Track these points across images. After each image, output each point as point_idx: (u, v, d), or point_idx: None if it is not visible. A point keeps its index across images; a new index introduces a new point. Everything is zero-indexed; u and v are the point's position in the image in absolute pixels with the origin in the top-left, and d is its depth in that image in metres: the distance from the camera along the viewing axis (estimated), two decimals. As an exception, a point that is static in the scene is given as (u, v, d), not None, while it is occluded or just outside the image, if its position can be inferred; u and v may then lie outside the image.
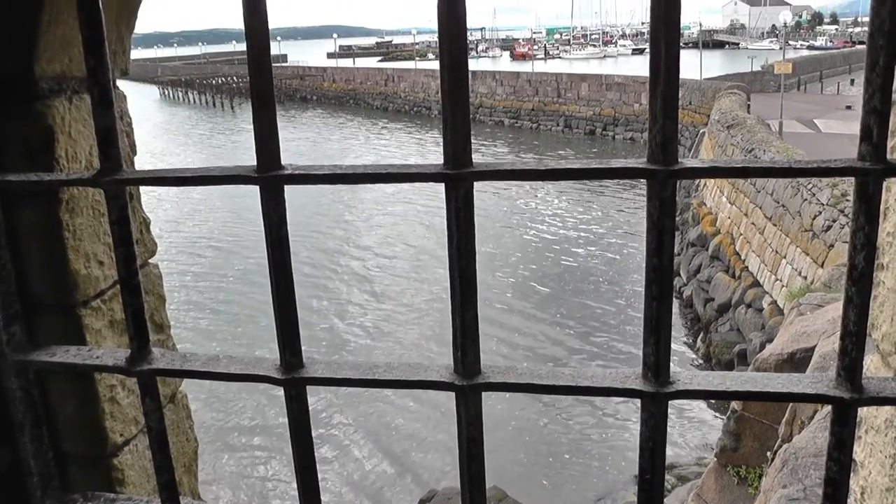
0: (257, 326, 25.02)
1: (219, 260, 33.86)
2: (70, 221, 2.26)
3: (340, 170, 1.44)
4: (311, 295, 27.99)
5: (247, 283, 29.71)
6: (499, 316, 26.01)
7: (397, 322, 26.23)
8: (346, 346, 24.42)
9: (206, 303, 29.02)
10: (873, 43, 1.19)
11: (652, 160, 1.28)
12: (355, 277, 31.46)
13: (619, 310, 27.05)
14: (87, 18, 1.51)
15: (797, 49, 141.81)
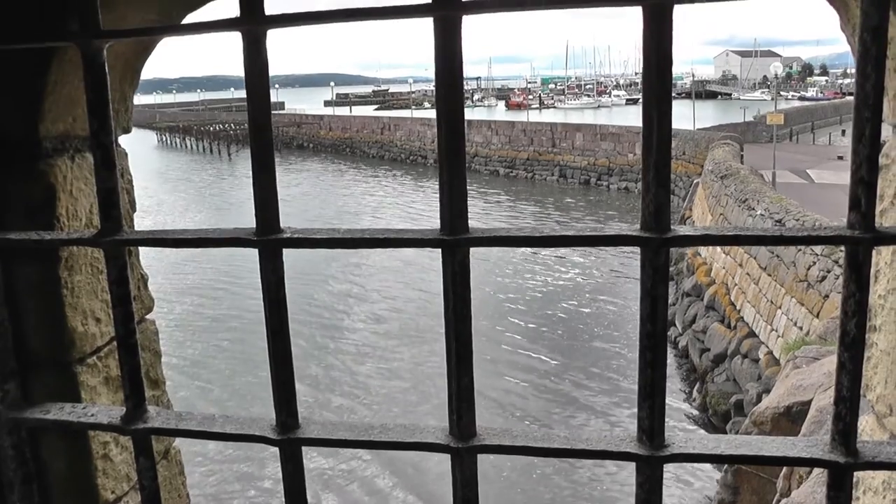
0: (253, 379, 24.85)
1: (217, 311, 33.72)
2: (69, 279, 2.27)
3: (338, 234, 1.46)
4: (303, 344, 27.88)
5: (245, 332, 29.55)
6: (492, 355, 25.92)
7: (393, 378, 26.10)
8: (338, 403, 24.27)
9: (202, 354, 28.86)
10: (859, 116, 1.22)
11: (645, 228, 1.30)
12: (349, 329, 31.38)
13: (616, 354, 26.97)
14: (92, 81, 1.54)
15: (788, 100, 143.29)
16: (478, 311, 15.20)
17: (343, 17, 1.42)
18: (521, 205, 56.45)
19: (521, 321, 31.45)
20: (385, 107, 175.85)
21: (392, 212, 55.68)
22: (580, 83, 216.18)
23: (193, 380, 26.43)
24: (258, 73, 1.45)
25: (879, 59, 1.20)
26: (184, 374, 26.44)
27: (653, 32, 1.28)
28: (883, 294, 2.00)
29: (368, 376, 26.56)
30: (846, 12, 1.88)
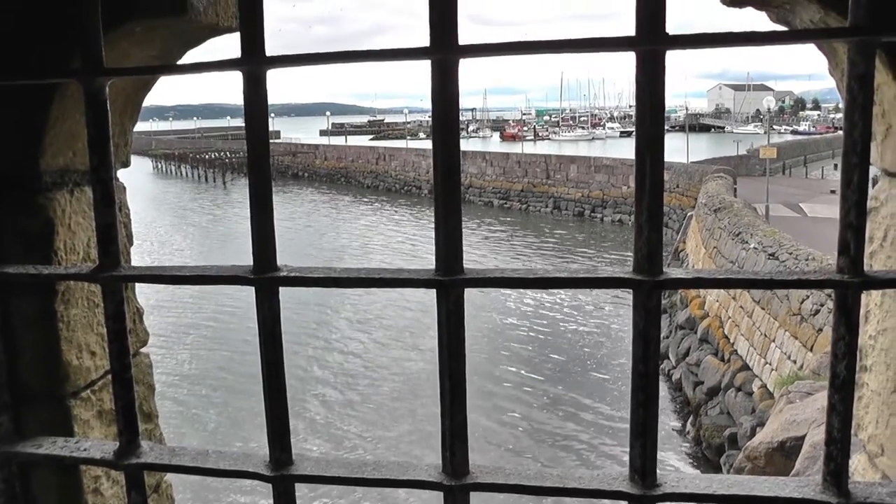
0: (248, 413, 24.72)
1: (212, 342, 33.58)
2: (65, 313, 2.28)
3: (334, 273, 1.48)
4: (301, 373, 27.77)
5: (240, 363, 29.42)
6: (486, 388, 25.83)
7: (387, 412, 25.99)
8: (330, 437, 24.15)
9: (196, 385, 28.72)
10: (848, 162, 1.25)
11: (638, 270, 1.31)
12: (344, 359, 31.30)
13: (609, 387, 26.90)
14: (94, 117, 1.56)
15: (781, 134, 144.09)
16: (471, 338, 15.16)
17: (343, 59, 1.45)
18: (517, 237, 56.42)
19: (514, 352, 31.39)
20: (380, 137, 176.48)
21: (387, 240, 55.65)
22: (574, 115, 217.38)
23: (187, 407, 26.29)
24: (258, 113, 1.47)
25: (866, 108, 1.22)
26: (178, 401, 26.31)
27: (646, 77, 1.30)
28: (873, 335, 2.02)
29: (362, 407, 26.43)
30: (834, 57, 1.92)
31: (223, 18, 2.31)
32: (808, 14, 1.90)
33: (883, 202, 1.98)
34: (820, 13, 1.84)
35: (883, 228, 1.97)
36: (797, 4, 1.90)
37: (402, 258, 48.11)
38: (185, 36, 2.33)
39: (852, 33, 1.20)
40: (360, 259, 49.28)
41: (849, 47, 1.22)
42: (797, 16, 1.96)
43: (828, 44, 1.88)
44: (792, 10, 1.97)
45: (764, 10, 2.06)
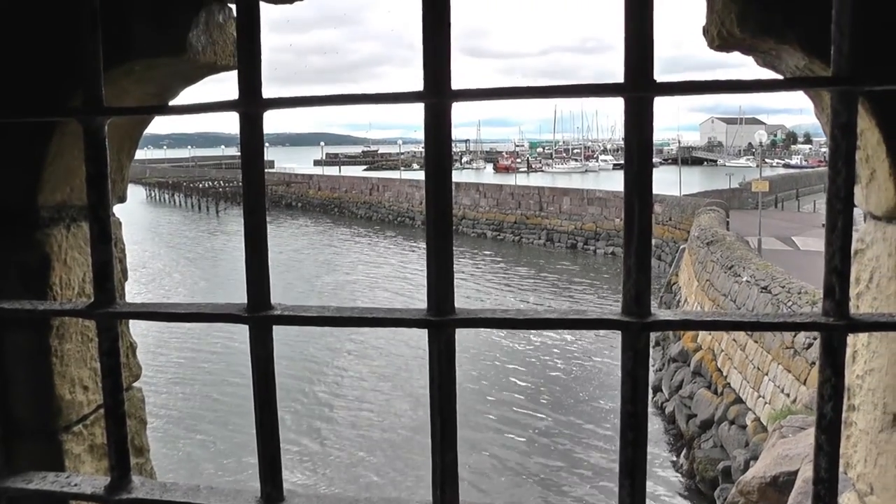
0: (240, 445, 24.59)
1: (205, 374, 33.44)
2: (59, 347, 2.29)
3: (328, 312, 1.49)
4: (298, 408, 27.66)
5: (232, 396, 29.28)
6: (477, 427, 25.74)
7: (379, 448, 25.87)
8: (321, 471, 24.03)
9: (189, 419, 28.58)
10: (832, 207, 1.27)
11: (626, 312, 1.33)
12: (338, 393, 31.22)
13: (602, 419, 26.84)
14: (92, 156, 1.58)
15: (773, 167, 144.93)
16: (462, 369, 14.91)
17: (338, 102, 1.47)
18: (510, 270, 56.40)
19: (506, 384, 31.32)
20: (374, 167, 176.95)
21: (381, 272, 55.59)
22: (568, 147, 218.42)
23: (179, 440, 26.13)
24: (254, 154, 1.50)
25: (849, 155, 1.25)
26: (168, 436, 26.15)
27: (634, 123, 1.33)
28: (861, 374, 2.04)
29: (354, 440, 26.32)
30: (820, 102, 1.96)
31: (221, 57, 2.35)
32: (794, 60, 1.94)
33: (868, 244, 2.01)
34: (805, 60, 1.88)
35: (869, 270, 2.00)
36: (783, 51, 1.94)
37: (396, 293, 47.96)
38: (184, 74, 2.37)
39: (835, 83, 1.23)
40: (353, 292, 49.18)
41: (832, 96, 1.25)
42: (783, 61, 2.01)
43: (813, 90, 1.91)
44: (778, 56, 2.01)
45: (751, 55, 2.11)
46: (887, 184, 1.85)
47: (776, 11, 1.86)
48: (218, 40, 2.34)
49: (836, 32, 1.23)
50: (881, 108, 1.78)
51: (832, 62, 1.24)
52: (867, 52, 1.34)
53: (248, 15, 1.47)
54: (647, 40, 1.30)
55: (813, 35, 1.79)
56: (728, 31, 1.98)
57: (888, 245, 1.90)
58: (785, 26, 1.86)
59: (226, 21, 2.37)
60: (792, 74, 2.04)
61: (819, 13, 1.47)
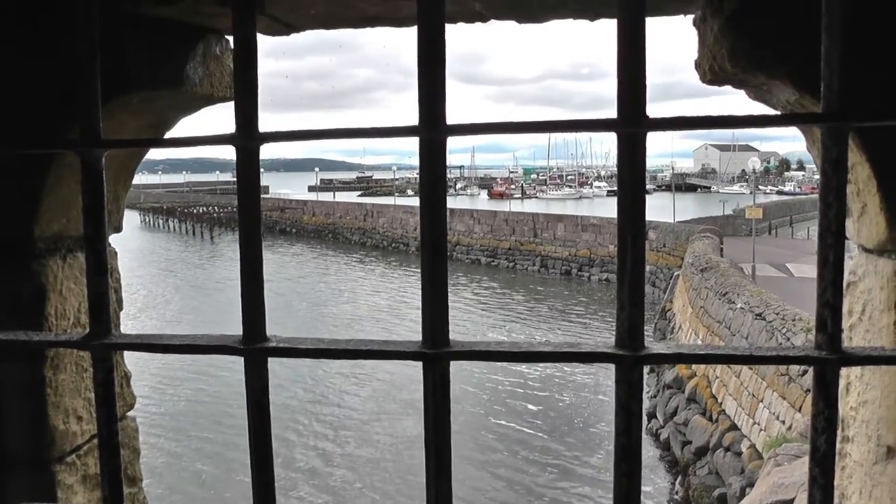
0: (233, 474, 24.43)
1: (198, 404, 33.26)
2: (53, 378, 2.28)
3: (323, 344, 1.49)
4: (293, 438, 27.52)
5: (228, 427, 29.13)
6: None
7: (374, 479, 25.73)
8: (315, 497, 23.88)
9: (182, 448, 28.41)
10: (823, 242, 1.28)
11: (619, 345, 1.34)
12: (332, 423, 31.05)
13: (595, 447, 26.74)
14: (89, 188, 1.58)
15: (767, 194, 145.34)
16: (455, 396, 14.80)
17: (335, 136, 1.49)
18: (505, 296, 56.29)
19: (500, 409, 31.22)
20: (369, 193, 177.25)
21: (375, 301, 55.46)
22: (562, 174, 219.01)
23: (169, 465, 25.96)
24: (250, 187, 1.51)
25: (840, 190, 1.26)
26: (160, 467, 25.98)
27: (627, 158, 1.34)
28: (855, 406, 2.04)
29: (348, 469, 26.17)
30: (811, 136, 1.98)
31: (218, 89, 2.37)
32: (785, 95, 1.96)
33: (861, 277, 2.02)
34: (795, 95, 1.91)
35: (861, 302, 2.01)
36: (774, 86, 1.96)
37: (391, 322, 47.76)
38: (181, 105, 2.38)
39: (824, 119, 1.24)
40: (348, 319, 49.00)
41: (822, 132, 1.27)
42: (774, 96, 2.03)
43: (804, 126, 1.93)
44: (769, 91, 2.03)
45: (742, 89, 2.13)
46: (878, 217, 1.87)
47: (766, 47, 1.88)
48: (215, 72, 2.36)
49: (825, 69, 1.25)
50: (871, 144, 1.80)
51: (822, 98, 1.25)
52: (857, 88, 1.36)
53: (245, 48, 1.49)
54: (639, 77, 1.31)
55: (803, 71, 1.81)
56: (719, 66, 2.01)
57: (880, 278, 1.91)
58: (775, 62, 1.88)
59: (222, 53, 2.39)
60: (783, 108, 2.07)
61: (808, 49, 1.49)
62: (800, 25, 1.79)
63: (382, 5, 2.11)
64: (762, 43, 1.90)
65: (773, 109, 2.13)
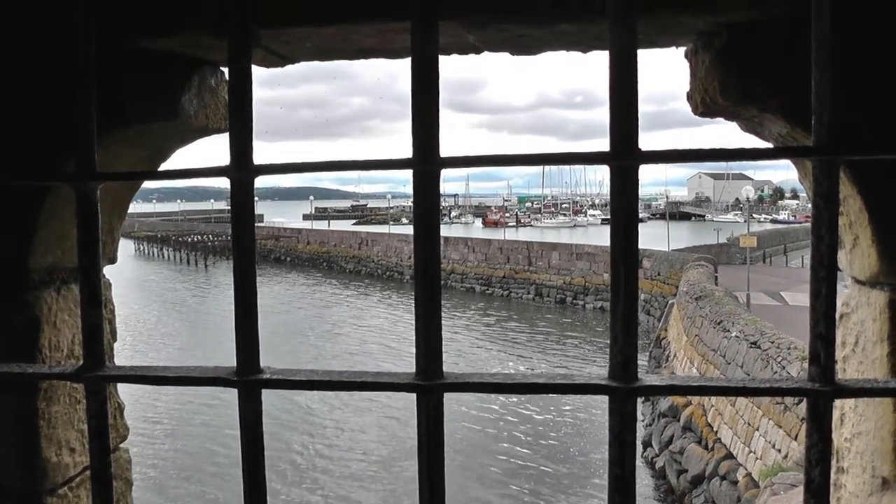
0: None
1: (191, 435, 33.07)
2: (46, 409, 2.27)
3: (317, 376, 1.49)
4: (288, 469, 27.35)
5: (224, 455, 28.95)
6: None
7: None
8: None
9: (175, 481, 28.22)
10: (816, 274, 1.29)
11: (613, 377, 1.34)
12: (326, 453, 30.89)
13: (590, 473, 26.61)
14: (84, 220, 1.59)
15: (761, 222, 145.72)
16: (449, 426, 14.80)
17: (329, 168, 1.50)
18: (500, 325, 56.17)
19: (493, 438, 31.09)
20: (363, 222, 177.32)
21: (370, 331, 55.32)
22: (556, 202, 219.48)
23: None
24: (245, 218, 1.51)
25: (832, 223, 1.27)
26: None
27: (619, 190, 1.35)
28: (849, 437, 2.04)
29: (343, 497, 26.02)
30: (803, 168, 1.99)
31: (213, 121, 2.38)
32: (776, 128, 1.98)
33: (854, 308, 2.03)
34: (787, 128, 1.92)
35: (854, 334, 2.02)
36: (765, 119, 1.98)
37: (385, 353, 47.55)
38: (177, 137, 2.40)
39: (815, 153, 1.26)
40: (342, 350, 48.82)
41: (813, 165, 1.28)
42: (766, 128, 2.05)
43: (795, 159, 1.95)
44: (761, 123, 2.05)
45: (734, 121, 2.15)
46: (870, 250, 1.88)
47: (758, 81, 1.90)
48: (210, 104, 2.37)
49: (816, 102, 1.26)
50: (863, 177, 1.82)
51: (813, 132, 1.26)
52: (848, 121, 1.37)
53: (240, 80, 1.50)
54: (631, 110, 1.33)
55: (794, 104, 1.83)
56: (711, 99, 2.03)
57: (872, 309, 1.92)
58: (766, 95, 1.90)
59: (218, 85, 2.41)
60: (775, 141, 2.08)
61: (799, 83, 1.51)
62: (790, 59, 1.81)
63: (377, 38, 2.13)
64: (753, 76, 1.92)
65: (766, 142, 2.14)
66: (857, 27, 1.74)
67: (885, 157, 1.41)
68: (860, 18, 1.76)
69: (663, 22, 1.94)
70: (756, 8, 1.83)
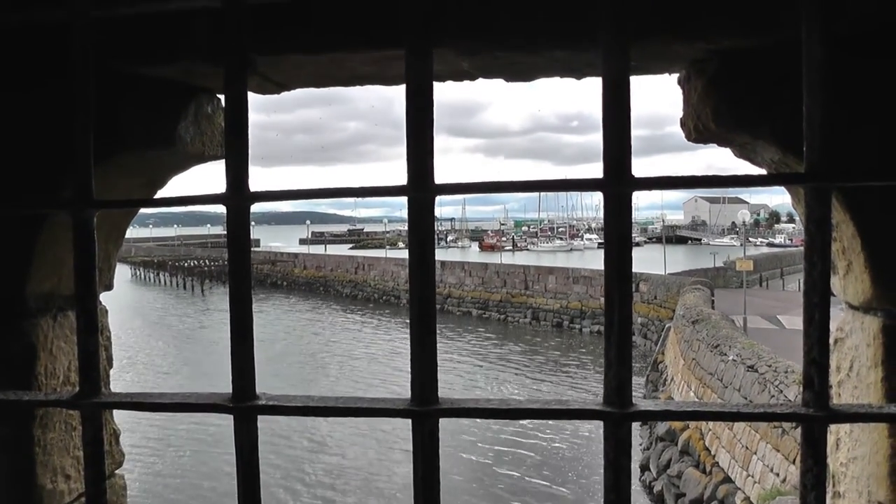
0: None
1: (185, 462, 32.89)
2: (42, 437, 2.27)
3: (312, 402, 1.50)
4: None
5: (214, 480, 28.77)
6: None
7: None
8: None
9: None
10: (809, 300, 1.30)
11: (607, 402, 1.35)
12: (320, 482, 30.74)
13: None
14: (81, 247, 1.59)
15: (757, 246, 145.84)
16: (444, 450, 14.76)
17: (325, 195, 1.51)
18: (497, 349, 56.03)
19: (493, 458, 30.95)
20: (360, 246, 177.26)
21: (368, 356, 55.13)
22: (553, 226, 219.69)
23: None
24: (241, 245, 1.52)
25: (825, 249, 1.28)
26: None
27: (613, 216, 1.36)
28: (845, 462, 2.04)
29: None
30: (796, 194, 2.00)
31: (209, 148, 2.39)
32: (769, 154, 1.99)
33: (848, 334, 2.04)
34: (779, 154, 1.94)
35: (849, 359, 2.02)
36: (758, 145, 2.00)
37: (382, 377, 47.34)
38: (173, 164, 2.41)
39: (807, 179, 1.27)
40: (339, 375, 48.63)
41: (805, 192, 1.29)
42: (759, 154, 2.06)
43: (787, 186, 1.96)
44: (753, 150, 2.07)
45: (727, 147, 2.17)
46: (863, 275, 1.89)
47: (750, 107, 1.92)
48: (206, 131, 2.38)
49: (807, 129, 1.27)
50: (855, 203, 1.83)
51: (805, 158, 1.27)
52: (839, 147, 1.38)
53: (236, 108, 1.51)
54: (624, 136, 1.34)
55: (786, 130, 1.84)
56: (704, 125, 2.04)
57: (866, 335, 1.93)
58: (758, 121, 1.92)
59: (214, 112, 2.43)
60: (768, 166, 2.10)
61: (791, 110, 1.52)
62: (782, 85, 1.82)
63: (372, 65, 2.15)
64: (745, 103, 1.94)
65: (759, 167, 2.16)
66: (845, 57, 1.76)
67: (877, 183, 1.43)
68: (847, 48, 1.78)
69: (656, 49, 1.96)
70: (748, 35, 1.85)
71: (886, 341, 1.87)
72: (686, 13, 1.82)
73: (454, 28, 1.90)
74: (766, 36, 1.83)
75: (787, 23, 1.66)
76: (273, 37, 1.98)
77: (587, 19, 1.79)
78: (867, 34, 1.79)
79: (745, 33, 1.83)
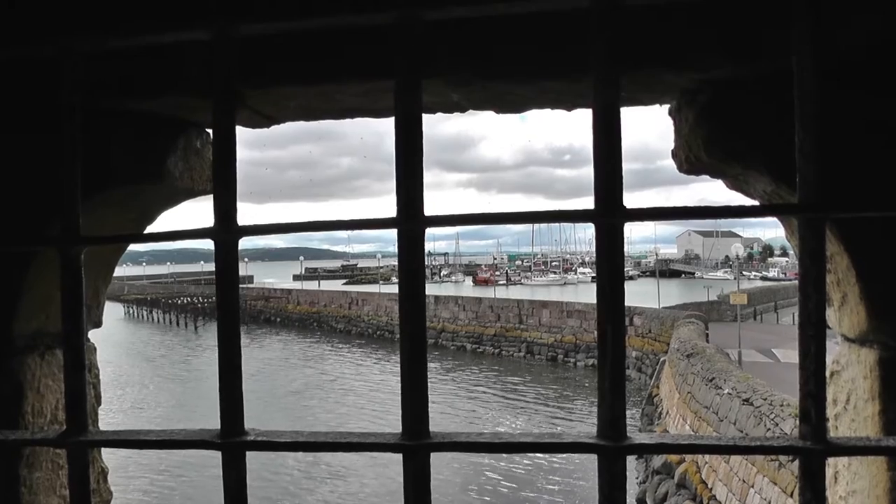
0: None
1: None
2: (28, 476, 2.23)
3: (302, 437, 1.47)
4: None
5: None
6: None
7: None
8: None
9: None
10: (804, 333, 1.28)
11: (602, 436, 1.33)
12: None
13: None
14: (69, 284, 1.58)
15: (751, 280, 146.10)
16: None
17: (314, 228, 1.49)
18: (492, 383, 55.79)
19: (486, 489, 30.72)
20: (353, 281, 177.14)
21: (361, 391, 54.86)
22: (546, 260, 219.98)
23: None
24: (229, 280, 1.50)
25: (819, 281, 1.27)
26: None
27: (605, 247, 1.35)
28: (844, 495, 2.02)
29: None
30: (790, 226, 2.00)
31: (198, 182, 2.39)
32: (762, 185, 1.99)
33: (844, 366, 2.02)
34: (772, 185, 1.93)
35: (846, 392, 2.00)
36: (750, 176, 1.99)
37: (375, 412, 47.01)
38: (162, 199, 2.40)
39: (801, 210, 1.26)
40: (331, 410, 48.33)
41: (799, 223, 1.28)
42: (752, 186, 2.06)
43: (781, 216, 1.96)
44: (746, 181, 2.06)
45: (719, 179, 2.17)
46: (859, 307, 1.88)
47: (742, 138, 1.92)
48: (195, 166, 2.38)
49: (800, 160, 1.27)
50: (849, 233, 1.82)
51: (798, 189, 1.26)
52: (833, 178, 1.38)
53: (224, 142, 1.50)
54: (615, 168, 1.33)
55: (779, 161, 1.84)
56: (696, 156, 2.04)
57: (863, 367, 1.91)
58: (751, 152, 1.91)
59: (203, 146, 2.42)
60: (760, 198, 2.09)
61: (784, 141, 1.52)
62: (774, 116, 1.82)
63: (361, 97, 2.14)
64: (737, 134, 1.94)
65: (752, 199, 2.15)
66: (834, 88, 1.76)
67: (872, 213, 1.42)
68: (837, 79, 1.78)
69: (646, 79, 1.96)
70: (739, 65, 1.85)
71: (883, 374, 1.86)
72: (677, 43, 1.82)
73: (444, 59, 1.89)
74: (758, 66, 1.83)
75: (779, 53, 1.66)
76: (262, 69, 1.97)
77: (578, 50, 1.79)
78: (858, 63, 1.80)
79: (736, 63, 1.84)
